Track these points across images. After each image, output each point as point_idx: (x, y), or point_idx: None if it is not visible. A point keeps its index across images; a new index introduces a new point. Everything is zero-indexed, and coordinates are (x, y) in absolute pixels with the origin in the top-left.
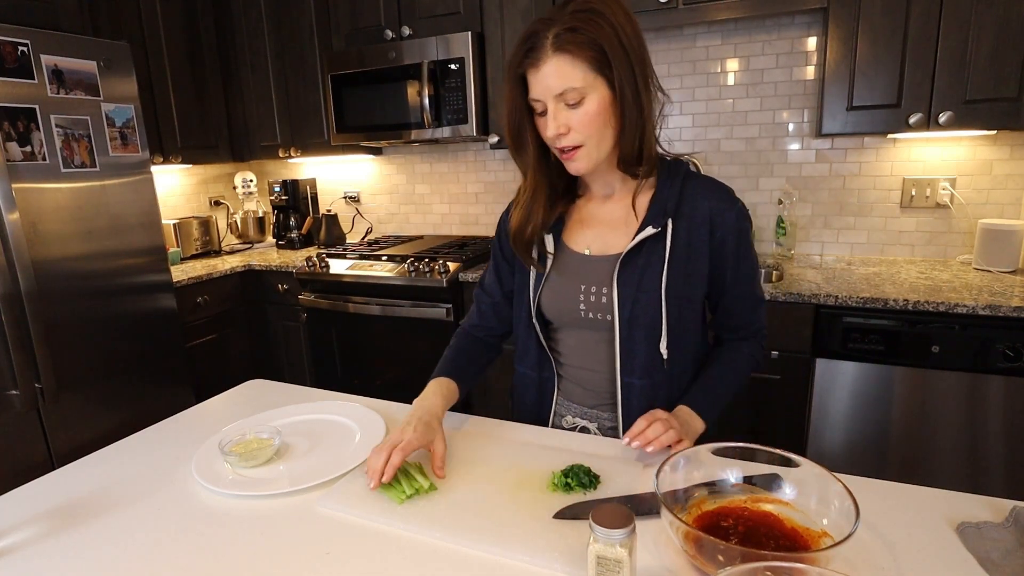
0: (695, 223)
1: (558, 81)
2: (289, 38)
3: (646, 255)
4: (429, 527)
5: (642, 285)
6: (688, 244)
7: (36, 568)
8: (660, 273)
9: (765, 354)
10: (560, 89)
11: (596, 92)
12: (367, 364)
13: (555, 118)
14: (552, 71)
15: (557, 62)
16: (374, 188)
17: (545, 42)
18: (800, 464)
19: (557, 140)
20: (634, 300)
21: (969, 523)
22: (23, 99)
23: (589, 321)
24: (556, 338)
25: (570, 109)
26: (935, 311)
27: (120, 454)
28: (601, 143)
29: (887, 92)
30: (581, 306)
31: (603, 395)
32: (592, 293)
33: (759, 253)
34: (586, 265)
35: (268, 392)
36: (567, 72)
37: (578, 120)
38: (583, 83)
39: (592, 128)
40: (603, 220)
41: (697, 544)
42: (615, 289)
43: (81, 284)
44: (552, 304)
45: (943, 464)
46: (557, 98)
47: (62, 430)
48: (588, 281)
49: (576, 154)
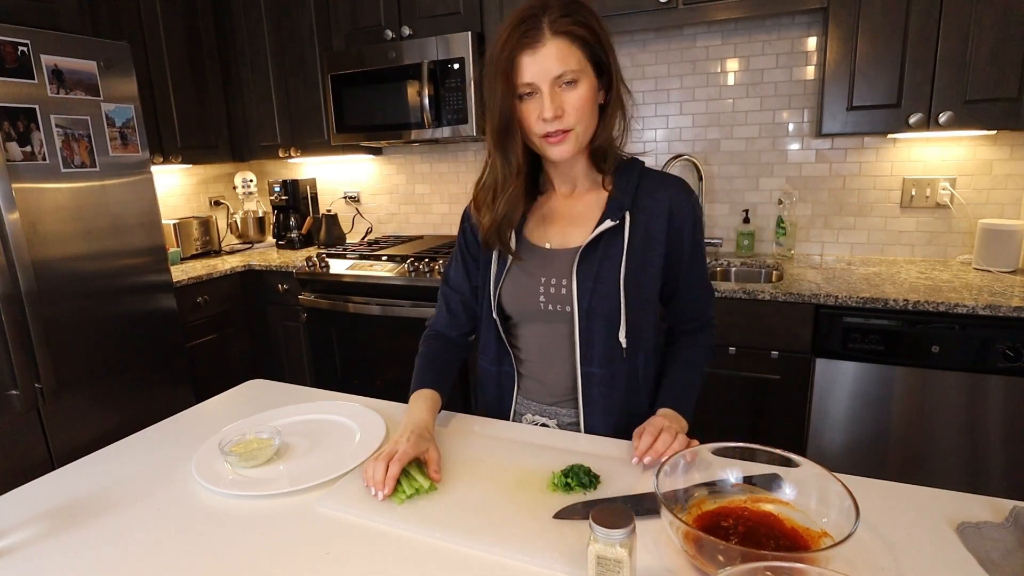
0: (653, 214)
1: (557, 63)
2: (289, 38)
3: (604, 247)
4: (429, 527)
5: (600, 276)
6: (646, 235)
7: (36, 568)
8: (619, 264)
9: (759, 352)
10: (559, 71)
11: (587, 78)
12: (367, 364)
13: (552, 100)
14: (552, 53)
15: (557, 44)
16: (374, 188)
17: (543, 25)
18: (800, 464)
19: (551, 123)
20: (592, 291)
21: (969, 523)
22: (23, 99)
23: (549, 313)
24: (516, 334)
25: (564, 92)
26: (935, 311)
27: (120, 454)
28: (588, 129)
29: (887, 92)
30: (541, 298)
31: (562, 391)
32: (552, 285)
33: (759, 253)
34: (546, 258)
35: (268, 392)
36: (566, 54)
37: (571, 103)
38: (579, 66)
39: (583, 112)
40: (564, 215)
41: (697, 544)
42: (574, 280)
43: (81, 284)
44: (512, 297)
45: (943, 464)
46: (554, 81)
47: (62, 430)
48: (548, 274)
49: (566, 137)
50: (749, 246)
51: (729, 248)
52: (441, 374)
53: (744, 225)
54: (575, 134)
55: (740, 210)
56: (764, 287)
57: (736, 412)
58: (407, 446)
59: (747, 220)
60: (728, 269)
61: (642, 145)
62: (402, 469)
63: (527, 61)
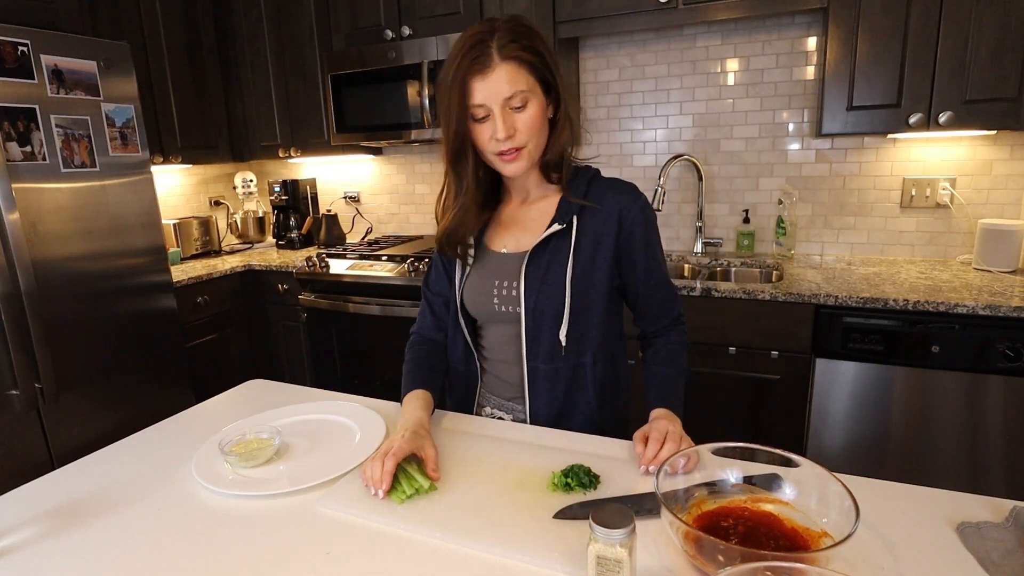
0: (601, 218)
1: (508, 86)
2: (289, 38)
3: (552, 251)
4: (429, 527)
5: (546, 278)
6: (594, 238)
7: (36, 568)
8: (565, 266)
9: (759, 352)
10: (509, 93)
11: (536, 98)
12: (367, 364)
13: (504, 121)
14: (502, 76)
15: (506, 68)
16: (374, 188)
17: (491, 50)
18: (800, 464)
19: (504, 143)
20: (538, 292)
21: (969, 523)
22: (23, 99)
23: (501, 314)
24: (480, 333)
25: (515, 113)
26: (935, 311)
27: (120, 454)
28: (539, 145)
29: (887, 92)
30: (495, 300)
31: (516, 386)
32: (504, 287)
33: (759, 253)
34: (500, 262)
35: (268, 392)
36: (515, 77)
37: (523, 123)
38: (527, 87)
39: (534, 130)
40: (519, 222)
41: (697, 544)
42: (522, 282)
43: (81, 284)
44: (471, 299)
45: (943, 464)
46: (504, 102)
47: (62, 430)
48: (501, 276)
49: (519, 155)
50: (749, 246)
51: (729, 248)
52: (431, 376)
53: (744, 225)
54: (527, 151)
55: (740, 210)
56: (764, 287)
57: (736, 412)
58: (402, 442)
59: (747, 220)
60: (728, 269)
61: (642, 145)
62: (398, 465)
63: (478, 85)
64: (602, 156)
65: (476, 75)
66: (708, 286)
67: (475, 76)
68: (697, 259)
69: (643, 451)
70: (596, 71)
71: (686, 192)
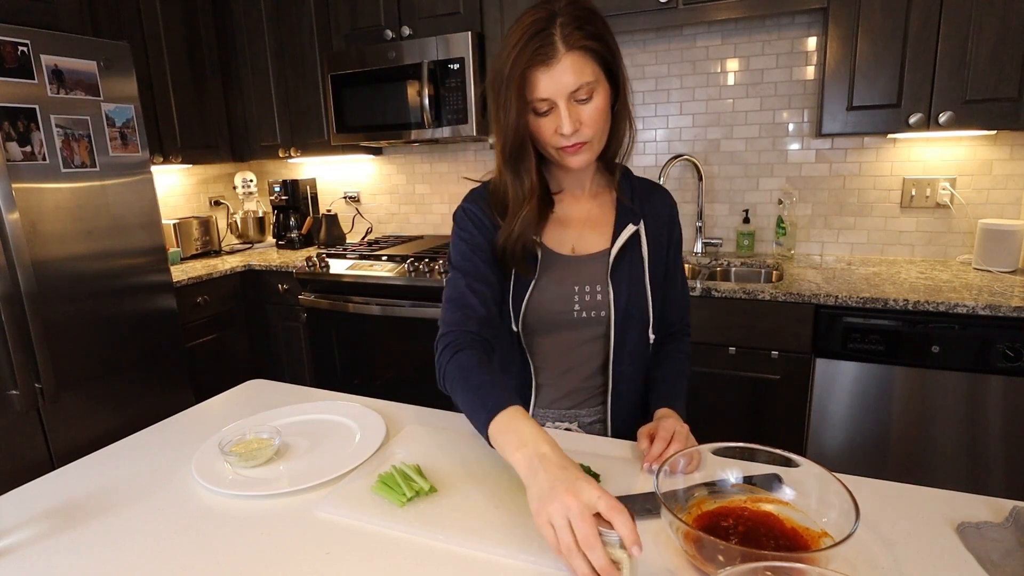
0: (659, 220)
1: (574, 78)
2: (289, 38)
3: (628, 251)
4: (429, 528)
5: (631, 278)
6: (655, 239)
7: (36, 568)
8: (643, 266)
9: (759, 352)
10: (576, 85)
11: (602, 88)
12: (367, 364)
13: (571, 114)
14: (568, 68)
15: (572, 59)
16: (374, 188)
17: (555, 40)
18: (800, 464)
19: (571, 137)
20: (628, 293)
21: (969, 523)
22: (23, 99)
23: (583, 320)
24: (535, 343)
25: (580, 105)
26: (935, 311)
27: (120, 454)
28: (603, 138)
29: (887, 92)
30: (576, 306)
31: (581, 393)
32: (587, 293)
33: (759, 253)
34: (574, 265)
35: (268, 392)
36: (581, 68)
37: (588, 115)
38: (594, 78)
39: (600, 123)
40: (579, 220)
41: (697, 544)
42: (610, 285)
43: (81, 284)
44: (544, 307)
45: (943, 464)
46: (571, 95)
47: (62, 430)
48: (581, 281)
49: (582, 148)
50: (749, 246)
51: (729, 248)
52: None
53: (744, 225)
54: (591, 144)
55: (740, 210)
56: (764, 287)
57: (736, 412)
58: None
59: (747, 220)
60: (728, 269)
61: (642, 145)
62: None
63: (542, 77)
64: None
65: (539, 66)
66: (708, 286)
67: (538, 67)
68: (697, 259)
69: (648, 448)
70: None
71: (686, 192)
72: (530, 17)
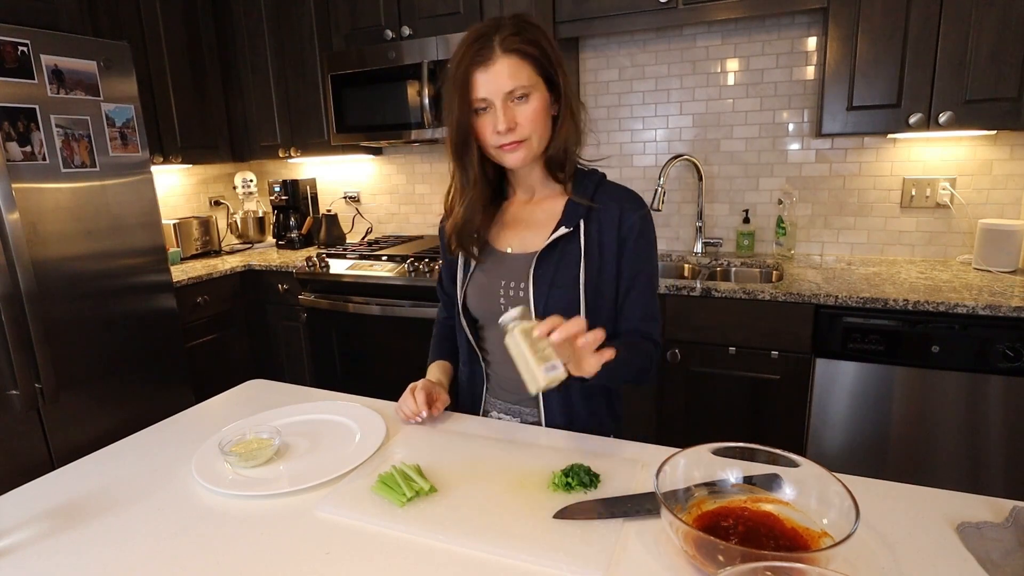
0: (605, 224)
1: (509, 79)
2: (289, 38)
3: (560, 253)
4: (429, 528)
5: (555, 281)
6: (600, 243)
7: (36, 568)
8: (576, 270)
9: (759, 352)
10: (511, 87)
11: (539, 92)
12: (367, 364)
13: (504, 113)
14: (503, 69)
15: (508, 61)
16: (374, 188)
17: (494, 44)
18: (800, 464)
19: (505, 135)
20: (548, 295)
21: (969, 523)
22: (23, 99)
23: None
24: (483, 335)
25: (516, 106)
26: (935, 311)
27: (120, 454)
28: (541, 139)
29: (887, 92)
30: (501, 301)
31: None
32: (511, 288)
33: (759, 253)
34: (507, 262)
35: (268, 392)
36: (517, 71)
37: (524, 115)
38: (529, 82)
39: (536, 124)
40: (523, 221)
41: (697, 544)
42: (531, 284)
43: (81, 284)
44: (475, 300)
45: (943, 464)
46: (506, 95)
47: (62, 430)
48: (507, 277)
49: (519, 147)
50: (749, 246)
51: (729, 248)
52: (451, 349)
53: (744, 225)
54: (529, 143)
55: (740, 210)
56: (764, 287)
57: (736, 412)
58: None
59: (747, 220)
60: (728, 269)
61: (642, 145)
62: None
63: (480, 77)
64: (604, 156)
65: (478, 68)
66: (708, 286)
67: (477, 69)
68: (697, 259)
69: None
70: (596, 71)
71: (686, 192)
72: (476, 27)
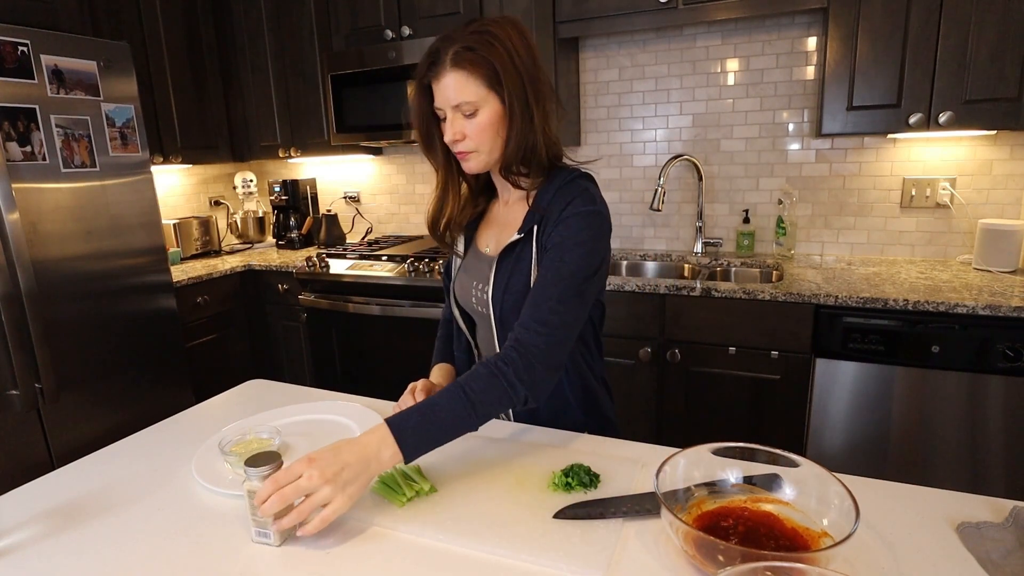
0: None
1: (455, 94)
2: (289, 38)
3: (516, 258)
4: (429, 528)
5: (509, 286)
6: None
7: (36, 568)
8: (527, 274)
9: (759, 352)
10: (456, 101)
11: (488, 106)
12: (367, 364)
13: (452, 125)
14: (450, 84)
15: (455, 76)
16: (374, 188)
17: (445, 58)
18: (800, 464)
19: (453, 145)
20: (503, 299)
21: (969, 523)
22: (23, 99)
23: (479, 314)
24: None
25: (466, 119)
26: (935, 311)
27: (120, 454)
28: (493, 150)
29: (887, 92)
30: (473, 299)
31: None
32: (478, 288)
33: (759, 253)
34: (480, 262)
35: (268, 392)
36: (463, 86)
37: (471, 129)
38: (476, 97)
39: (484, 137)
40: (498, 222)
41: (697, 544)
42: (491, 286)
43: (81, 284)
44: (460, 297)
45: (943, 464)
46: (454, 108)
47: (62, 430)
48: (477, 277)
49: (469, 156)
50: (749, 246)
51: (729, 248)
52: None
53: (744, 225)
54: (478, 154)
55: (740, 210)
56: (764, 287)
57: (736, 412)
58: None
59: (747, 220)
60: (728, 269)
61: (642, 145)
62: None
63: (435, 88)
64: (602, 156)
65: (432, 79)
66: (708, 286)
67: (432, 80)
68: (697, 259)
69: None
70: (596, 71)
71: (686, 192)
72: (440, 35)
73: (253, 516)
